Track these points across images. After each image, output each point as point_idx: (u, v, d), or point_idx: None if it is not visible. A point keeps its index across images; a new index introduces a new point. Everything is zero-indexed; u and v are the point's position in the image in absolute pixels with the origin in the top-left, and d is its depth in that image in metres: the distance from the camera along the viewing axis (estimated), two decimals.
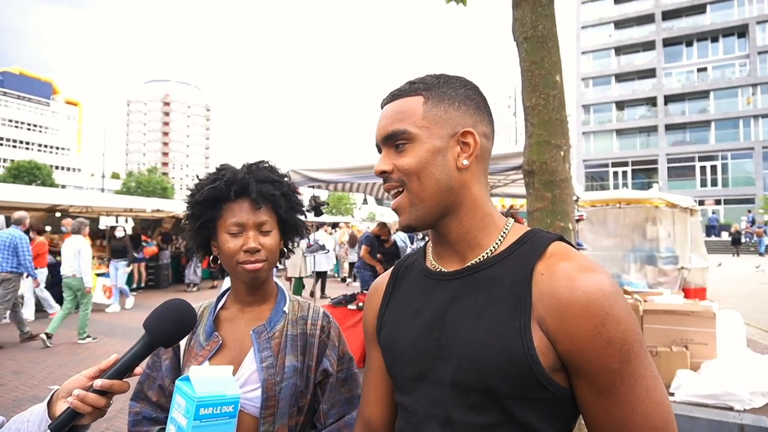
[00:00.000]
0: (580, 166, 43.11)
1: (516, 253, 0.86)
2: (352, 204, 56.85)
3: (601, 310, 0.74)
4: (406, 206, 0.89)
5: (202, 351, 1.18)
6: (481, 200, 0.91)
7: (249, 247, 1.15)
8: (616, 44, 44.15)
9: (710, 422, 3.77)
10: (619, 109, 43.79)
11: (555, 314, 0.76)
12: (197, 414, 0.94)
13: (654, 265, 9.10)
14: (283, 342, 1.20)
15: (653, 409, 0.74)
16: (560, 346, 0.76)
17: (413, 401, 0.88)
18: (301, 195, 1.35)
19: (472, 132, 0.89)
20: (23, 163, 50.23)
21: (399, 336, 0.93)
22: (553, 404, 0.79)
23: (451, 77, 0.94)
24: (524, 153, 3.01)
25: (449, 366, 0.83)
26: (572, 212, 2.98)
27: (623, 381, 0.74)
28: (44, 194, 12.14)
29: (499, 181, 6.80)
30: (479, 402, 0.80)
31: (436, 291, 0.91)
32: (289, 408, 1.17)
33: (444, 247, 0.94)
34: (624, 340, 0.73)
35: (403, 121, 0.89)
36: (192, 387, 0.97)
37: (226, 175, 1.20)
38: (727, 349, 4.88)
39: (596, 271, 0.78)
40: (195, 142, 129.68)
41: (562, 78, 2.99)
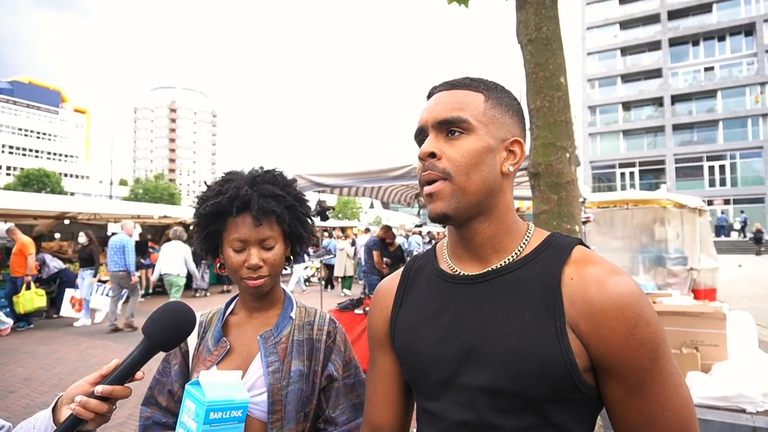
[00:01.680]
0: (586, 168, 42.94)
1: (540, 257, 0.87)
2: (359, 208, 56.90)
3: (634, 313, 0.76)
4: (447, 194, 0.86)
5: (211, 356, 1.19)
6: (511, 207, 0.93)
7: (251, 264, 1.17)
8: (622, 45, 44.00)
9: (722, 425, 3.73)
10: (625, 110, 43.60)
11: (588, 318, 0.78)
12: (207, 418, 0.95)
13: (663, 266, 9.04)
14: (289, 347, 1.21)
15: (681, 404, 0.77)
16: (593, 349, 0.78)
17: (442, 407, 0.88)
18: (308, 202, 1.35)
19: (521, 142, 0.91)
20: (32, 171, 50.73)
21: (418, 341, 0.92)
22: (584, 404, 0.81)
23: (504, 87, 0.95)
24: (529, 155, 3.01)
25: (480, 371, 0.83)
26: (579, 214, 2.96)
27: (654, 379, 0.77)
28: (53, 202, 12.26)
29: None
30: (515, 405, 0.81)
31: (457, 294, 0.91)
32: (296, 413, 1.17)
33: (465, 250, 0.93)
34: (654, 341, 0.76)
35: (464, 110, 0.87)
36: (202, 392, 0.98)
37: (229, 190, 1.20)
38: (739, 350, 4.83)
39: (623, 274, 0.80)
40: (201, 148, 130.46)
41: (566, 80, 2.98)
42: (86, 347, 7.37)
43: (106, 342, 7.74)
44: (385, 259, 8.31)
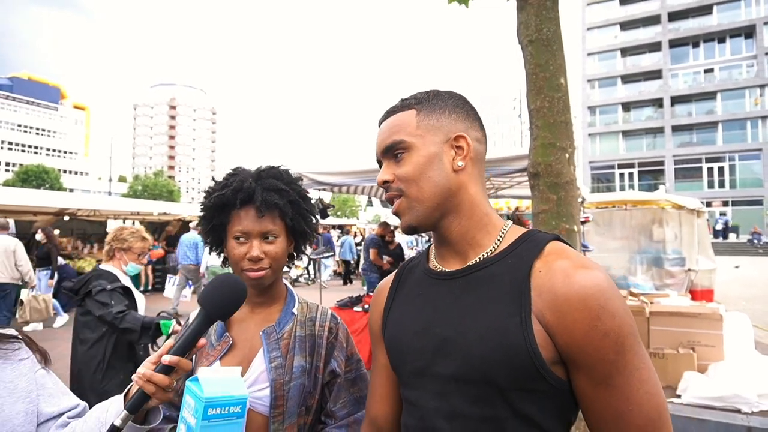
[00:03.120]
0: (586, 168, 42.97)
1: (515, 252, 0.90)
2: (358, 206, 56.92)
3: (597, 304, 0.78)
4: (405, 208, 0.95)
5: (213, 351, 1.21)
6: (478, 201, 0.96)
7: (251, 256, 1.19)
8: (622, 45, 44.00)
9: (718, 424, 3.76)
10: (625, 111, 43.62)
11: (553, 309, 0.80)
12: (205, 414, 0.96)
13: (661, 266, 9.07)
14: (291, 343, 1.23)
15: (647, 399, 0.78)
16: (559, 339, 0.80)
17: (418, 396, 0.92)
18: (312, 200, 1.36)
19: (464, 136, 0.95)
20: (31, 167, 50.58)
21: (402, 333, 0.97)
22: (553, 397, 0.82)
23: (441, 91, 1.00)
24: (529, 155, 3.03)
25: (451, 361, 0.86)
26: (577, 214, 2.98)
27: (619, 372, 0.78)
28: (52, 198, 12.26)
29: (505, 183, 6.81)
30: (482, 395, 0.83)
31: (438, 289, 0.95)
32: (297, 407, 1.19)
33: (446, 248, 0.98)
34: (619, 333, 0.77)
35: (398, 132, 0.95)
36: (200, 387, 0.99)
37: (234, 183, 1.23)
38: (735, 351, 4.86)
39: (592, 267, 0.82)
40: (201, 145, 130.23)
41: (566, 81, 3.00)
42: None
43: None
44: (387, 258, 8.30)
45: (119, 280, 2.92)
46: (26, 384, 1.00)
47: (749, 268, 18.77)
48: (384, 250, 8.44)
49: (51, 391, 1.05)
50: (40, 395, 1.02)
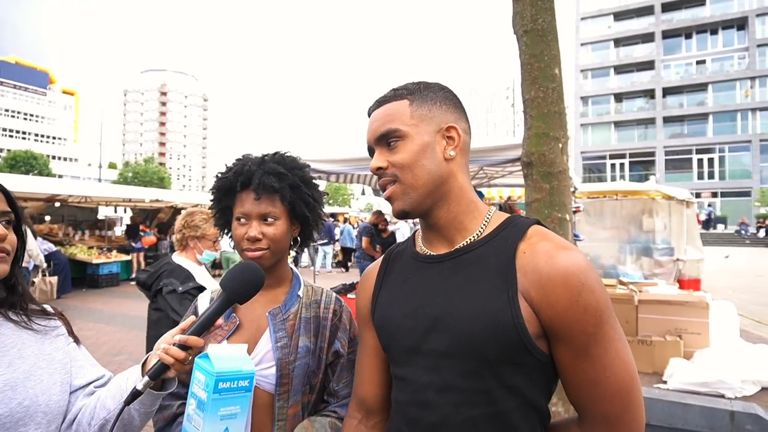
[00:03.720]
0: (578, 158, 43.16)
1: (500, 236, 0.96)
2: (350, 195, 56.86)
3: (579, 282, 0.85)
4: (399, 194, 0.99)
5: (221, 331, 1.25)
6: (466, 188, 1.02)
7: (249, 236, 1.23)
8: (616, 36, 44.05)
9: (702, 409, 3.85)
10: (617, 101, 43.77)
11: (538, 286, 0.87)
12: (216, 387, 1.02)
13: (650, 256, 9.18)
14: (297, 324, 1.27)
15: (622, 368, 0.86)
16: (543, 314, 0.87)
17: (410, 372, 0.97)
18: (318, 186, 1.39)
19: (455, 127, 1.00)
20: (20, 152, 49.94)
21: (392, 314, 1.03)
22: (537, 368, 0.89)
23: (430, 83, 1.05)
24: (523, 145, 3.06)
25: (443, 337, 0.92)
26: (570, 203, 3.04)
27: (597, 343, 0.85)
28: (43, 184, 12.15)
29: (497, 173, 6.85)
30: (473, 368, 0.89)
31: (427, 272, 1.01)
32: (302, 386, 1.24)
33: (433, 233, 1.04)
34: (597, 308, 0.85)
35: (393, 121, 0.99)
36: (211, 363, 1.05)
37: (237, 167, 1.28)
38: (720, 338, 4.97)
39: (571, 249, 0.89)
40: (192, 132, 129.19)
41: (561, 71, 3.03)
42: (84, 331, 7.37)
43: (96, 324, 7.75)
44: (379, 247, 8.34)
45: (192, 278, 2.72)
46: (62, 356, 1.10)
47: (737, 258, 19.06)
48: (377, 239, 8.48)
49: (81, 363, 1.14)
50: (72, 367, 1.11)
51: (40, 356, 1.05)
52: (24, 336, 1.05)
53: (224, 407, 1.03)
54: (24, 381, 0.99)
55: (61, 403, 1.05)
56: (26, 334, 1.06)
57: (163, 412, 1.26)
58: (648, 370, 4.70)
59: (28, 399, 0.98)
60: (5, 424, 0.94)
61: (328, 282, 12.26)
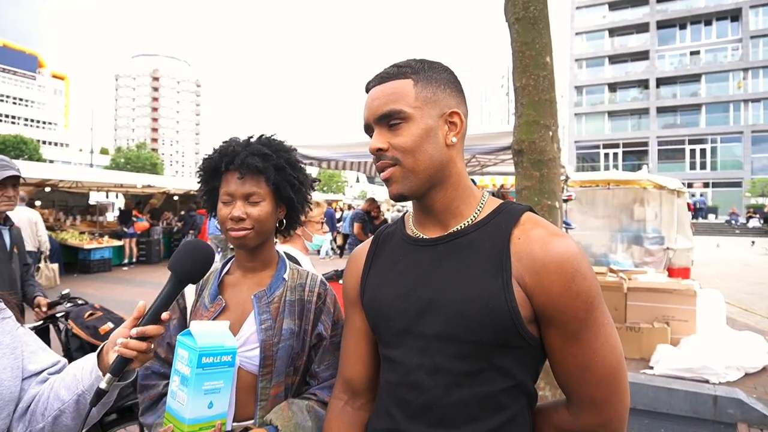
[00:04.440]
0: (571, 147, 43.24)
1: (494, 221, 0.97)
2: (344, 182, 56.74)
3: (572, 268, 0.87)
4: (398, 177, 0.96)
5: (207, 312, 1.26)
6: (463, 174, 1.01)
7: (233, 216, 1.23)
8: (610, 26, 43.94)
9: (686, 393, 3.93)
10: (611, 91, 43.80)
11: (532, 272, 0.88)
12: (200, 363, 1.04)
13: (640, 245, 9.26)
14: (281, 307, 1.28)
15: (610, 352, 0.88)
16: (536, 299, 0.88)
17: (400, 354, 0.98)
18: (306, 170, 1.40)
19: (459, 112, 0.98)
20: (9, 137, 49.39)
21: (383, 296, 1.02)
22: (527, 352, 0.91)
23: (433, 62, 1.01)
24: (514, 132, 3.09)
25: (435, 320, 0.93)
26: (559, 191, 3.07)
27: (588, 328, 0.87)
28: (34, 169, 12.00)
29: (490, 161, 6.87)
30: (464, 351, 0.90)
31: (419, 255, 1.01)
32: (285, 368, 1.25)
33: (427, 216, 1.03)
34: (589, 293, 0.87)
35: (397, 102, 0.95)
36: (194, 339, 1.07)
37: (222, 148, 1.28)
38: (707, 325, 5.05)
39: (564, 236, 0.91)
40: (185, 117, 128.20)
41: (552, 59, 3.04)
42: None
43: None
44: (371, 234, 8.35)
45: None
46: (10, 341, 1.04)
47: (726, 247, 19.26)
48: (369, 226, 8.49)
49: (32, 348, 1.09)
50: (24, 352, 1.06)
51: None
52: None
53: (208, 382, 1.05)
54: None
55: (12, 389, 1.00)
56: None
57: (148, 391, 1.27)
58: (635, 356, 4.77)
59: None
60: None
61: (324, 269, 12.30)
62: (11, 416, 1.00)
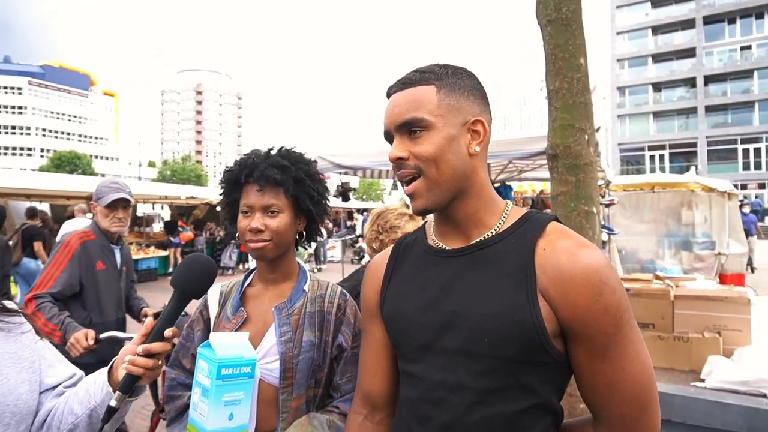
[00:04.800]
0: (614, 150, 42.01)
1: (518, 232, 0.93)
2: (382, 190, 56.94)
3: (600, 281, 0.82)
4: (423, 191, 0.93)
5: (229, 324, 1.28)
6: (486, 184, 0.98)
7: (251, 227, 1.25)
8: (653, 23, 42.55)
9: (742, 408, 3.71)
10: (656, 91, 42.35)
11: (558, 285, 0.84)
12: (219, 374, 1.05)
13: (690, 250, 8.90)
14: (301, 319, 1.28)
15: (640, 370, 0.83)
16: (562, 314, 0.84)
17: (422, 369, 0.94)
18: (325, 182, 1.41)
19: (482, 120, 0.95)
20: (65, 153, 52.12)
21: (403, 309, 0.99)
22: (552, 368, 0.86)
23: (457, 68, 0.98)
24: (548, 137, 3.00)
25: (458, 335, 0.89)
26: (597, 196, 2.96)
27: (616, 344, 0.83)
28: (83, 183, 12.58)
29: (527, 166, 6.74)
30: (489, 367, 0.86)
31: (441, 267, 0.97)
32: (306, 380, 1.25)
33: (449, 227, 0.99)
34: (618, 308, 0.82)
35: (419, 109, 0.92)
36: (213, 351, 1.08)
37: (242, 160, 1.31)
38: (764, 335, 4.77)
39: (592, 247, 0.86)
40: (227, 129, 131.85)
41: (586, 61, 2.95)
42: None
43: None
44: None
45: None
46: (29, 354, 1.05)
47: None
48: None
49: (50, 362, 1.10)
50: (42, 365, 1.07)
51: (5, 354, 1.01)
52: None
53: (228, 393, 1.06)
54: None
55: (30, 403, 1.01)
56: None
57: (174, 402, 1.30)
58: (684, 368, 4.55)
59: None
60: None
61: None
62: (29, 429, 1.01)
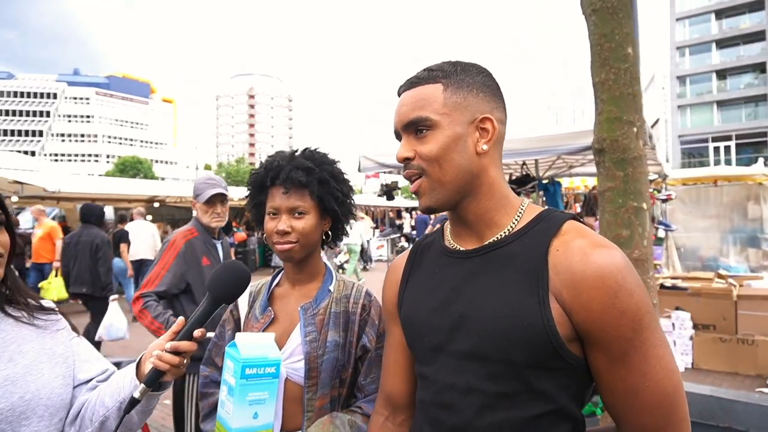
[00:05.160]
0: (675, 143, 40.07)
1: (532, 231, 0.89)
2: None
3: (615, 283, 0.78)
4: (426, 190, 0.93)
5: (257, 324, 1.31)
6: (498, 183, 0.94)
7: (278, 230, 1.26)
8: (717, 7, 40.18)
9: None
10: (720, 79, 40.02)
11: (571, 287, 0.80)
12: (243, 374, 1.07)
13: (757, 247, 8.41)
14: (326, 319, 1.29)
15: (664, 376, 0.79)
16: (576, 317, 0.80)
17: (433, 371, 0.93)
18: (349, 181, 1.41)
19: (491, 118, 0.92)
20: (128, 158, 55.07)
21: (418, 310, 0.98)
22: (569, 374, 0.83)
23: (468, 64, 0.96)
24: (594, 130, 2.90)
25: (467, 337, 0.87)
26: (647, 191, 2.84)
27: (636, 349, 0.78)
28: (144, 186, 13.29)
29: (577, 161, 6.54)
30: (498, 371, 0.84)
31: (455, 268, 0.95)
32: (331, 380, 1.26)
33: (462, 227, 0.98)
34: (636, 311, 0.78)
35: (424, 108, 0.91)
36: (238, 351, 1.10)
37: (268, 163, 1.33)
38: None
39: (609, 246, 0.82)
40: (279, 132, 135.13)
41: (635, 50, 2.83)
42: None
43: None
44: None
45: None
46: (63, 350, 1.11)
47: None
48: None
49: (84, 357, 1.16)
50: (76, 361, 1.13)
51: (41, 351, 1.06)
52: (24, 331, 1.06)
53: (252, 392, 1.08)
54: (24, 375, 1.00)
55: (64, 397, 1.06)
56: (26, 330, 1.07)
57: (207, 399, 1.35)
58: (749, 372, 4.29)
59: (29, 393, 0.99)
60: (7, 418, 0.95)
61: None
62: (63, 421, 1.07)
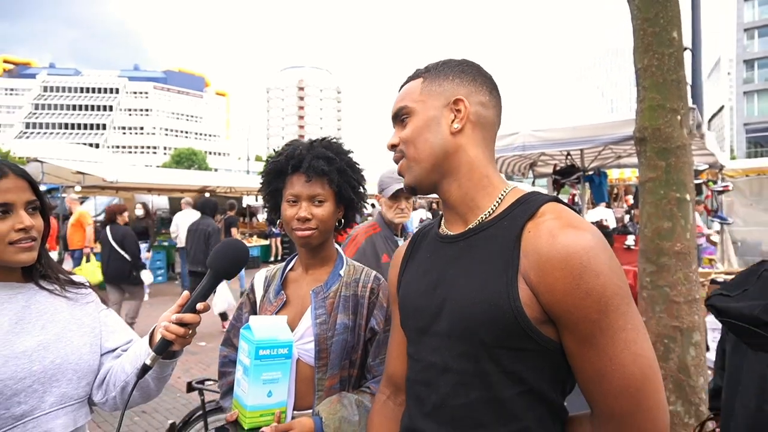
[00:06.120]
0: (740, 131, 37.90)
1: (511, 214, 0.91)
2: None
3: (579, 264, 0.78)
4: (405, 168, 1.02)
5: (271, 306, 1.37)
6: (478, 163, 0.97)
7: (299, 216, 1.31)
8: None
9: None
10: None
11: (536, 268, 0.82)
12: (257, 354, 1.14)
13: None
14: (336, 302, 1.34)
15: (631, 360, 0.77)
16: (542, 298, 0.81)
17: (418, 351, 0.99)
18: (363, 171, 1.45)
19: (463, 99, 0.96)
20: (183, 150, 57.31)
21: (410, 294, 1.04)
22: (543, 356, 0.84)
23: (452, 59, 1.04)
24: (636, 119, 2.80)
25: (446, 319, 0.91)
26: (691, 182, 2.72)
27: (602, 332, 0.78)
28: (197, 177, 13.82)
29: (625, 151, 6.31)
30: (469, 351, 0.87)
31: (443, 252, 1.00)
32: (340, 360, 1.31)
33: (449, 212, 1.02)
34: (602, 293, 0.77)
35: (404, 100, 1.02)
36: (252, 333, 1.17)
37: (288, 151, 1.36)
38: None
39: (579, 227, 0.81)
40: (327, 123, 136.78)
41: (680, 34, 2.72)
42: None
43: None
44: None
45: None
46: (91, 321, 1.23)
47: None
48: None
49: (112, 328, 1.28)
50: (103, 331, 1.25)
51: (71, 320, 1.18)
52: (56, 303, 1.19)
53: (266, 372, 1.15)
54: (55, 342, 1.12)
55: (91, 363, 1.18)
56: (59, 301, 1.19)
57: (226, 377, 1.42)
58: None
59: (59, 357, 1.12)
60: (40, 379, 1.07)
61: None
62: (91, 385, 1.19)
